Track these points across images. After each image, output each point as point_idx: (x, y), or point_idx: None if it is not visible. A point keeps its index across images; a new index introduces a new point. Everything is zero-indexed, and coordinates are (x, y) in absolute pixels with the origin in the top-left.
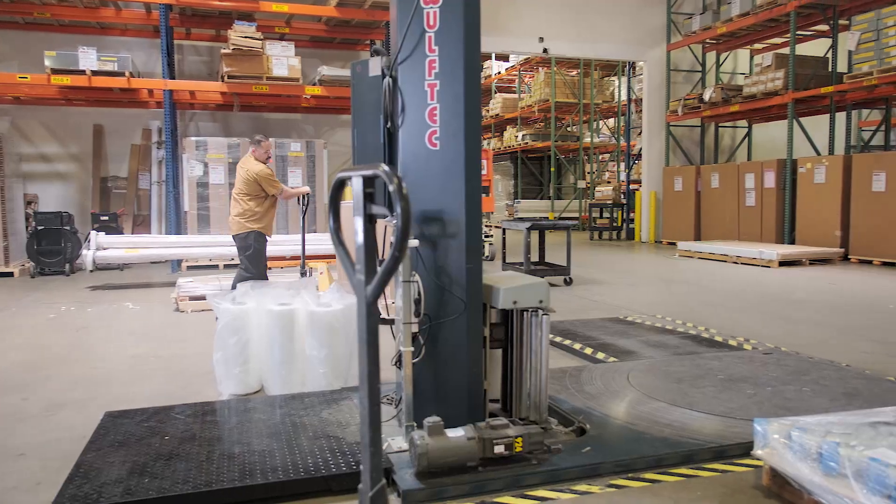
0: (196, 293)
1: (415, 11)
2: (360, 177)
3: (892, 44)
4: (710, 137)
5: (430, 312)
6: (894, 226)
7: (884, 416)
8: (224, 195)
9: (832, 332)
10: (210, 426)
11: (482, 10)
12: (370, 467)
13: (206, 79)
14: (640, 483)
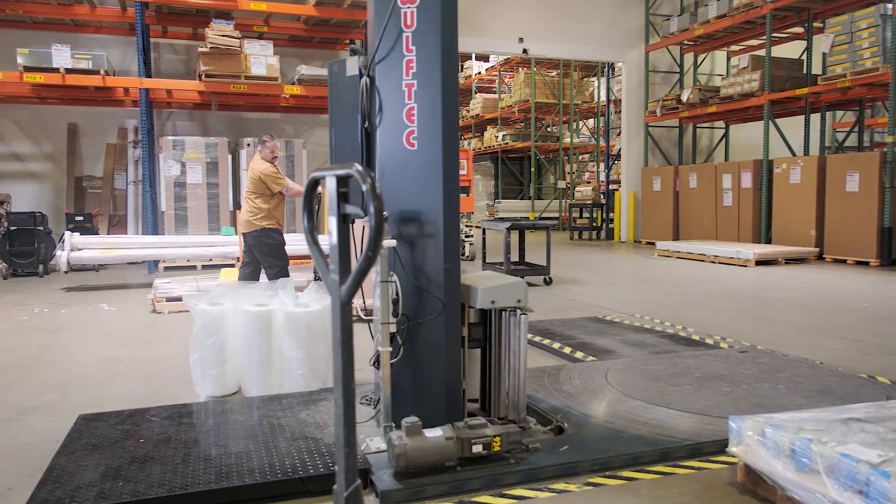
0: (173, 294)
1: (392, 11)
2: (334, 176)
3: (865, 46)
4: (688, 138)
5: (408, 313)
6: (867, 226)
7: (855, 412)
8: (202, 195)
9: (806, 330)
10: (186, 428)
11: (461, 11)
12: (345, 468)
13: (183, 77)
14: (617, 481)
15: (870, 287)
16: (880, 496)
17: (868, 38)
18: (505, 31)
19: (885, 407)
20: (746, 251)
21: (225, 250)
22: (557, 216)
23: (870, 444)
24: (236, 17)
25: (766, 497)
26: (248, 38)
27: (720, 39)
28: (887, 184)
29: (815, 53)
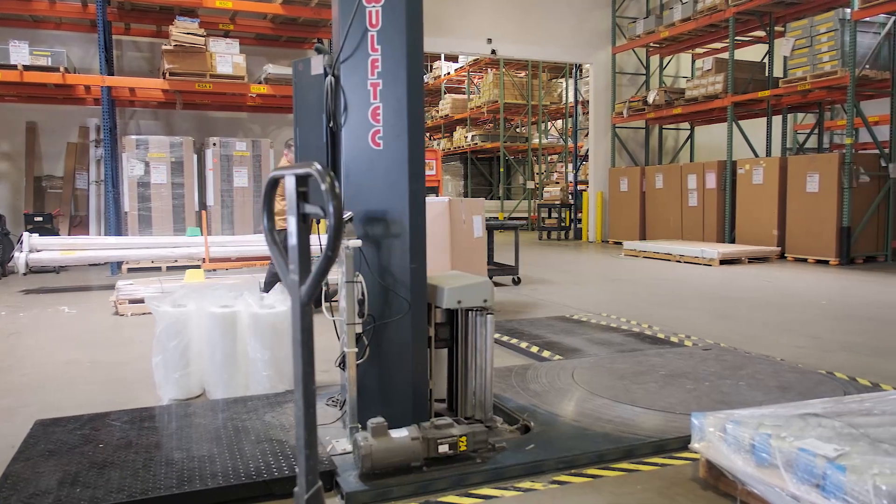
0: (136, 296)
1: (357, 10)
2: (294, 176)
3: (824, 50)
4: (654, 139)
5: (375, 313)
6: (826, 225)
7: (813, 407)
8: (166, 195)
9: (768, 327)
10: (148, 432)
11: (429, 11)
12: (305, 469)
13: (146, 75)
14: (582, 479)
15: (829, 285)
16: (836, 489)
17: (827, 43)
18: (473, 32)
19: (842, 402)
20: (711, 251)
21: (190, 251)
22: (526, 216)
23: (826, 438)
24: (201, 15)
25: (728, 492)
26: (213, 37)
27: (685, 42)
28: (846, 184)
29: (777, 57)
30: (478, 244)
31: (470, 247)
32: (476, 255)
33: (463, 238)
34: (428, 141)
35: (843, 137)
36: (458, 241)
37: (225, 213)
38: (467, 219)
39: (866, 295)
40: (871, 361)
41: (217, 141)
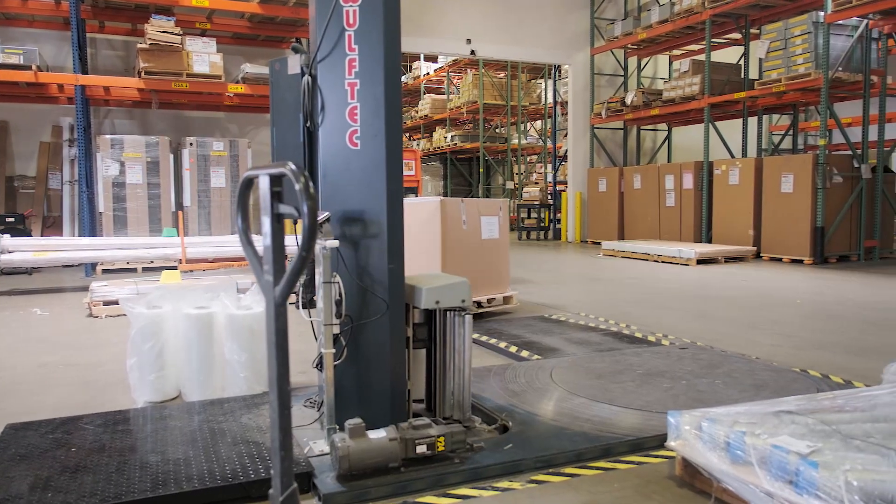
0: (111, 298)
1: (334, 9)
2: (267, 175)
3: (798, 52)
4: (632, 140)
5: (352, 313)
6: (801, 225)
7: (787, 405)
8: (142, 195)
9: (744, 326)
10: (122, 436)
11: (409, 11)
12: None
13: (121, 74)
14: (560, 478)
15: (803, 284)
16: (808, 485)
17: (801, 45)
18: (453, 33)
19: (815, 399)
20: (688, 250)
21: (166, 252)
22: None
23: (800, 435)
24: (178, 14)
25: (703, 489)
26: (190, 35)
27: (662, 44)
28: (819, 185)
29: (753, 59)
30: (488, 247)
31: (473, 250)
32: (481, 257)
33: (462, 240)
34: (407, 141)
35: (816, 139)
36: (453, 243)
37: (202, 213)
38: (470, 220)
39: (839, 294)
40: (844, 359)
41: (194, 141)
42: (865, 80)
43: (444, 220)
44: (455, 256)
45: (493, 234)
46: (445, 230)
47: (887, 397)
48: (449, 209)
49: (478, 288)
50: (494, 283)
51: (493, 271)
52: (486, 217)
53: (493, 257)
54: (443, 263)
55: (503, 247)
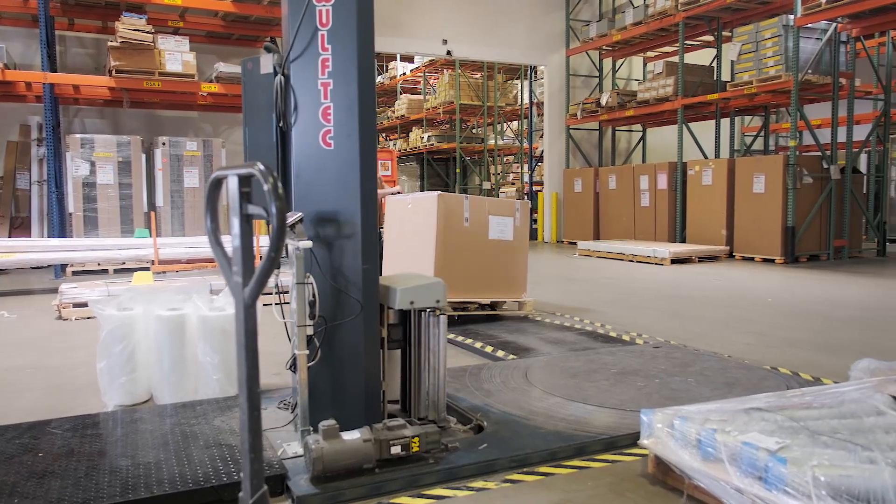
0: (81, 300)
1: (306, 9)
2: (236, 176)
3: (769, 55)
4: (607, 140)
5: (326, 314)
6: (772, 225)
7: (756, 402)
8: (114, 195)
9: (717, 325)
10: (91, 440)
11: (384, 11)
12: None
13: (92, 73)
14: (534, 477)
15: (775, 283)
16: (777, 481)
17: (772, 48)
18: (429, 33)
19: (785, 396)
20: (662, 250)
21: (138, 253)
22: None
23: (769, 431)
24: (149, 12)
25: (676, 486)
26: (162, 34)
27: (637, 45)
28: (790, 185)
29: (725, 61)
30: (497, 248)
31: (476, 250)
32: (486, 259)
33: (462, 238)
34: (384, 141)
35: (787, 140)
36: (452, 241)
37: (175, 213)
38: (475, 217)
39: (810, 292)
40: (814, 356)
41: (166, 140)
42: (834, 82)
43: (443, 216)
44: (452, 255)
45: (505, 236)
46: (444, 227)
47: (854, 394)
48: (449, 205)
49: (479, 290)
50: (503, 286)
51: (501, 274)
52: (497, 217)
53: (502, 260)
54: (436, 261)
55: (518, 250)
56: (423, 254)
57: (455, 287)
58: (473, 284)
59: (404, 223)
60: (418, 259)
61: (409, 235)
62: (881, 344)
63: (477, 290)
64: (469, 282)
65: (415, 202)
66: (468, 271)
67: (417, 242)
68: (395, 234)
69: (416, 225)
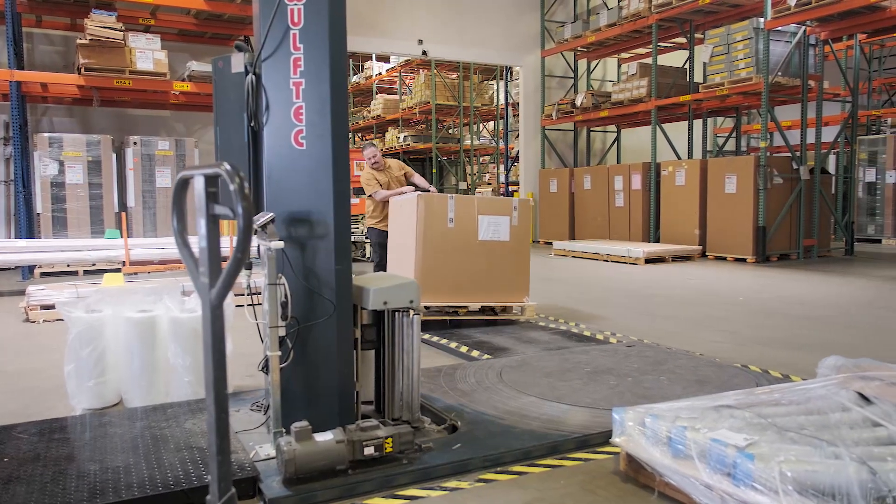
0: (49, 302)
1: (278, 8)
2: (202, 176)
3: (740, 57)
4: (582, 141)
5: (299, 315)
6: (744, 225)
7: (726, 399)
8: (83, 195)
9: (689, 323)
10: (58, 444)
11: (360, 11)
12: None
13: (61, 70)
14: (507, 476)
15: (746, 282)
16: (745, 476)
17: (743, 50)
18: (405, 33)
19: (754, 394)
20: (636, 250)
21: (109, 254)
22: None
23: (738, 428)
24: (120, 9)
25: (647, 484)
26: (133, 31)
27: (611, 47)
28: (761, 186)
29: (698, 63)
30: (489, 250)
31: (465, 251)
32: (477, 260)
33: (447, 240)
34: (359, 141)
35: (758, 141)
36: (436, 243)
37: (147, 214)
38: (462, 218)
39: (780, 291)
40: (783, 354)
41: (138, 140)
42: (803, 84)
43: (424, 217)
44: (437, 257)
45: (499, 236)
46: (425, 228)
47: (821, 390)
48: (430, 205)
49: (470, 293)
50: (500, 290)
51: (494, 276)
52: (490, 216)
53: (496, 261)
54: (417, 263)
55: (516, 252)
56: (408, 256)
57: (441, 291)
58: (463, 288)
59: (399, 225)
60: (405, 261)
61: (401, 237)
62: (848, 341)
63: (467, 293)
64: (458, 285)
65: (403, 203)
66: (457, 274)
67: (405, 245)
68: (394, 237)
69: (404, 226)
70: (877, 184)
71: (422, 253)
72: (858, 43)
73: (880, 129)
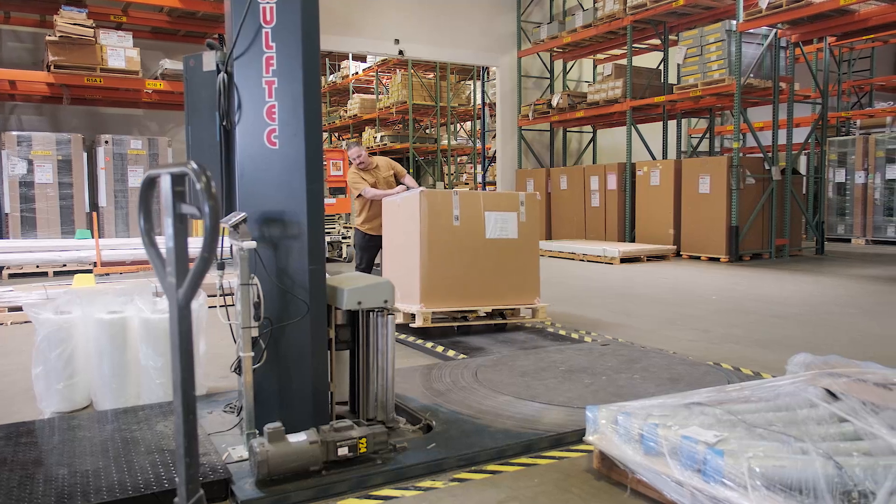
0: (17, 303)
1: (249, 6)
2: (169, 175)
3: (713, 59)
4: (558, 141)
5: (272, 316)
6: (717, 224)
7: (697, 396)
8: (53, 195)
9: (663, 322)
10: (26, 448)
11: (336, 10)
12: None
13: (29, 68)
14: (482, 475)
15: (719, 281)
16: (715, 473)
17: (716, 52)
18: (381, 33)
19: (724, 391)
20: (612, 249)
21: (80, 255)
22: None
23: (708, 425)
24: (90, 6)
25: (620, 481)
26: (104, 28)
27: (587, 48)
28: (734, 186)
29: (672, 64)
30: (498, 248)
31: (472, 251)
32: (485, 260)
33: (453, 239)
34: (336, 141)
35: (731, 142)
36: (441, 243)
37: (119, 214)
38: (468, 215)
39: (752, 290)
40: (754, 352)
41: (109, 138)
42: (775, 86)
43: (428, 216)
44: (442, 258)
45: (507, 233)
46: (429, 227)
47: (789, 387)
48: (434, 202)
49: (479, 297)
50: (510, 292)
51: (504, 277)
52: (497, 213)
53: (505, 261)
54: (422, 266)
55: (525, 250)
56: (411, 258)
57: (450, 295)
58: (472, 291)
59: (397, 226)
60: (408, 264)
61: (401, 239)
62: (817, 339)
63: (477, 297)
64: (467, 288)
65: (403, 202)
66: (465, 276)
67: (408, 246)
68: (391, 239)
69: (405, 227)
70: (846, 184)
71: (427, 255)
72: (828, 46)
73: (850, 130)
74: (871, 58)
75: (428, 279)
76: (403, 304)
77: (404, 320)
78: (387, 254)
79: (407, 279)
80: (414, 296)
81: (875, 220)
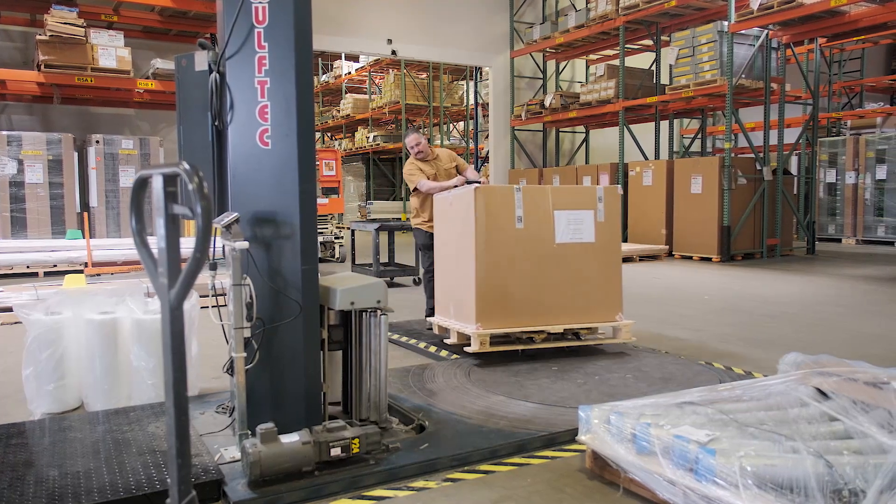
0: (6, 304)
1: (241, 6)
2: (161, 175)
3: (705, 60)
4: (551, 142)
5: (265, 316)
6: (709, 224)
7: (689, 396)
8: (43, 195)
9: (656, 321)
10: (16, 450)
11: (328, 10)
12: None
13: (20, 67)
14: (474, 475)
15: (711, 281)
16: (707, 472)
17: (708, 53)
18: (374, 32)
19: (716, 390)
20: None
21: (70, 255)
22: None
23: (700, 424)
24: (81, 5)
25: (612, 480)
26: (95, 28)
27: (579, 48)
28: (726, 186)
29: (664, 65)
30: (570, 255)
31: (538, 259)
32: (553, 271)
33: (514, 245)
34: (329, 141)
35: (723, 142)
36: (499, 250)
37: (111, 214)
38: (533, 215)
39: (744, 290)
40: (746, 351)
41: (101, 138)
42: (766, 87)
43: (484, 217)
44: (502, 268)
45: (582, 237)
46: (486, 230)
47: (780, 386)
48: (491, 201)
49: (548, 314)
50: (585, 308)
51: (579, 290)
52: (568, 211)
53: (579, 270)
54: (478, 276)
55: (604, 255)
56: (465, 268)
57: (511, 312)
58: (538, 307)
59: (450, 228)
60: (462, 275)
61: (453, 244)
62: (809, 338)
63: (544, 314)
64: (532, 304)
65: (455, 199)
66: (530, 290)
67: (461, 254)
68: (443, 242)
69: (458, 230)
70: (837, 184)
71: (484, 264)
72: (819, 47)
73: (840, 130)
74: (862, 59)
75: (484, 294)
76: (457, 322)
77: (458, 341)
78: (438, 261)
79: (460, 292)
80: (468, 313)
81: (865, 220)
